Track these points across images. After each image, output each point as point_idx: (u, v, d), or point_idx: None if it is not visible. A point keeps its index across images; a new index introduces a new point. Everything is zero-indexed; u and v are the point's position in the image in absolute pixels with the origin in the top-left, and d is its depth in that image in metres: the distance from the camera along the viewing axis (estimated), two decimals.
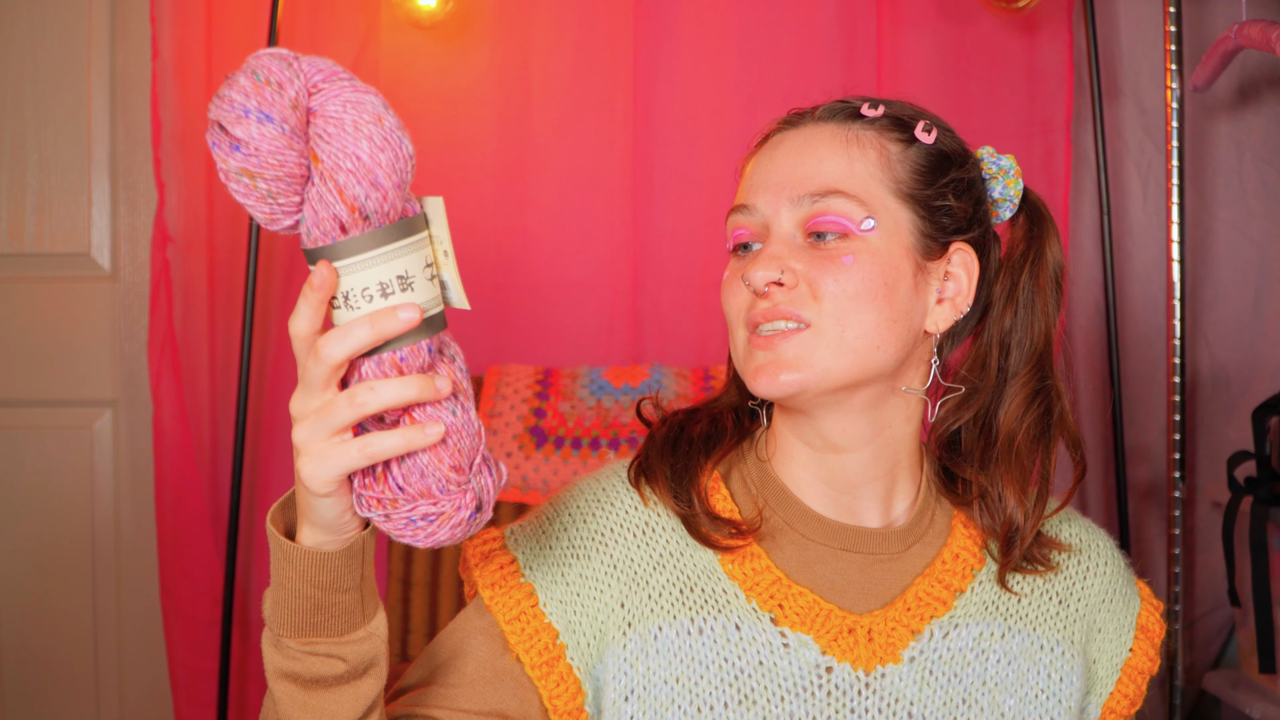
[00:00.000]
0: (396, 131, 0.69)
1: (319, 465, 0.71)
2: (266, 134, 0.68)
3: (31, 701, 2.23)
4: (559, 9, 2.12)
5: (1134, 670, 1.01)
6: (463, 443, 0.72)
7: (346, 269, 0.70)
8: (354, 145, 0.69)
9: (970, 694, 0.93)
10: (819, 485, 0.95)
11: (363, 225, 0.70)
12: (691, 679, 0.90)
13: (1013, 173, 0.98)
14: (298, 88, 0.69)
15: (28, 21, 2.20)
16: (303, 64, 0.70)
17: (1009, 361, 0.97)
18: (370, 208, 0.69)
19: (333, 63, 0.71)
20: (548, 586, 0.91)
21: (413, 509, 0.72)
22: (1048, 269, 0.98)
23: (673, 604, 0.91)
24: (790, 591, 0.92)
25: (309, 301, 0.70)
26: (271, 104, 0.68)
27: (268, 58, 0.69)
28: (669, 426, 0.99)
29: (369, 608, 0.80)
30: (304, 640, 0.78)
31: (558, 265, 2.14)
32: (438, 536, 0.73)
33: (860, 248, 0.89)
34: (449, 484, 0.72)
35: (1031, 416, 0.96)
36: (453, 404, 0.72)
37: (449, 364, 0.74)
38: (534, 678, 0.90)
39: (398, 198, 0.70)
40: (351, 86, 0.70)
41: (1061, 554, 1.00)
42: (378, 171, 0.69)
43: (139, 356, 2.20)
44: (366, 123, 0.69)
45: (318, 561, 0.76)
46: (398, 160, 0.69)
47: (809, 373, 0.88)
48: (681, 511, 0.93)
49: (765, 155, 0.95)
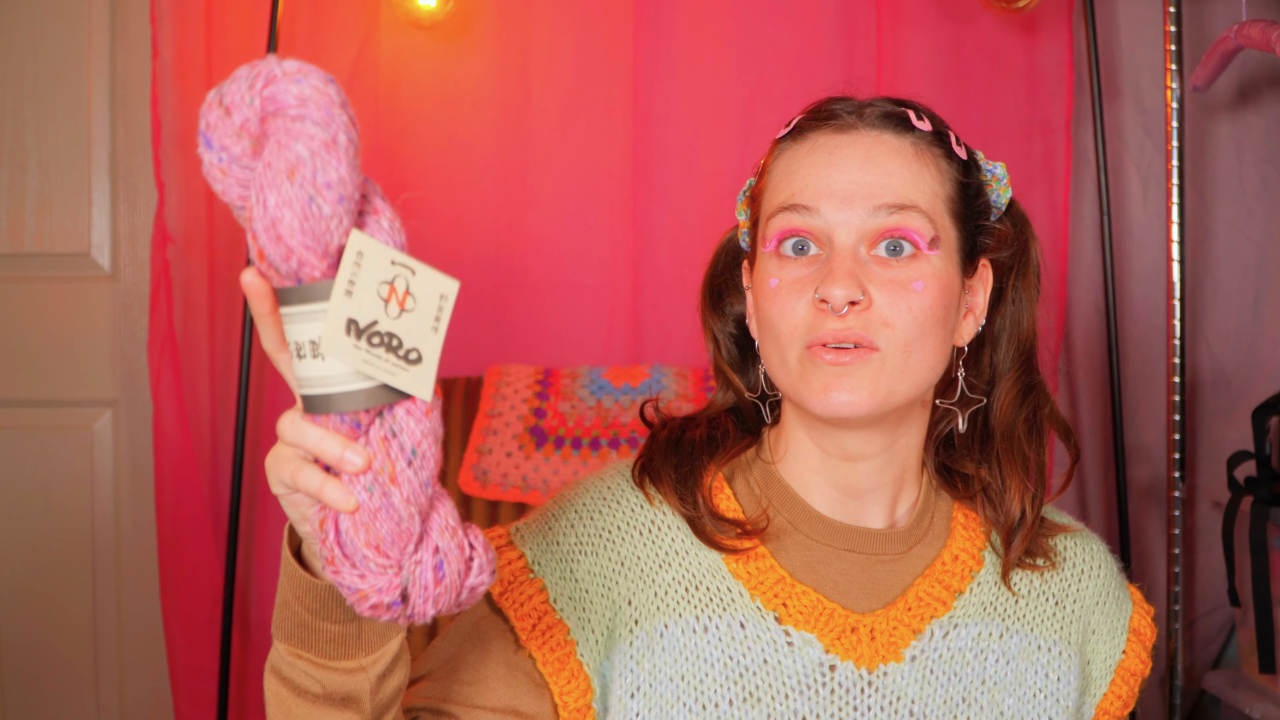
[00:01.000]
0: (308, 188, 0.64)
1: (272, 464, 0.70)
2: (209, 160, 0.66)
3: (31, 701, 2.23)
4: (559, 9, 2.12)
5: (1127, 672, 1.02)
6: (377, 526, 0.68)
7: (284, 317, 0.67)
8: (263, 195, 0.64)
9: (970, 693, 0.94)
10: (828, 489, 0.96)
11: (277, 277, 0.66)
12: (697, 676, 0.90)
13: (1004, 180, 0.98)
14: (246, 115, 0.65)
15: (28, 21, 2.19)
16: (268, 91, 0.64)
17: (998, 359, 0.99)
18: (277, 261, 0.65)
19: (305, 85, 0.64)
20: (558, 583, 0.91)
21: (337, 571, 0.68)
22: (1032, 269, 1.00)
23: (678, 602, 0.91)
24: (794, 591, 0.92)
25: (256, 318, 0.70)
26: (215, 128, 0.65)
27: (242, 72, 0.65)
28: (670, 429, 0.98)
29: (369, 643, 0.77)
30: (290, 649, 0.78)
31: (558, 265, 2.14)
32: (361, 608, 0.68)
33: (927, 270, 0.89)
34: (369, 561, 0.68)
35: (1026, 409, 0.98)
36: (367, 480, 0.67)
37: (384, 440, 0.68)
38: (546, 674, 0.90)
39: (312, 256, 0.65)
40: (286, 127, 0.64)
41: (1067, 537, 1.01)
42: (280, 228, 0.64)
43: (139, 356, 2.20)
44: (280, 175, 0.64)
45: (307, 586, 0.75)
46: (306, 221, 0.64)
47: (876, 397, 0.87)
48: (687, 513, 0.93)
49: (819, 157, 0.91)
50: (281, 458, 0.69)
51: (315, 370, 0.67)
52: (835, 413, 0.88)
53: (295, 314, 0.66)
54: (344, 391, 0.67)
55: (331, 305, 0.65)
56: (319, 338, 0.66)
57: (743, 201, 1.01)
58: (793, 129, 0.95)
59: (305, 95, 0.64)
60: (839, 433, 0.93)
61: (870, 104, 0.94)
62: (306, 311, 0.66)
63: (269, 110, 0.65)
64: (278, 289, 0.67)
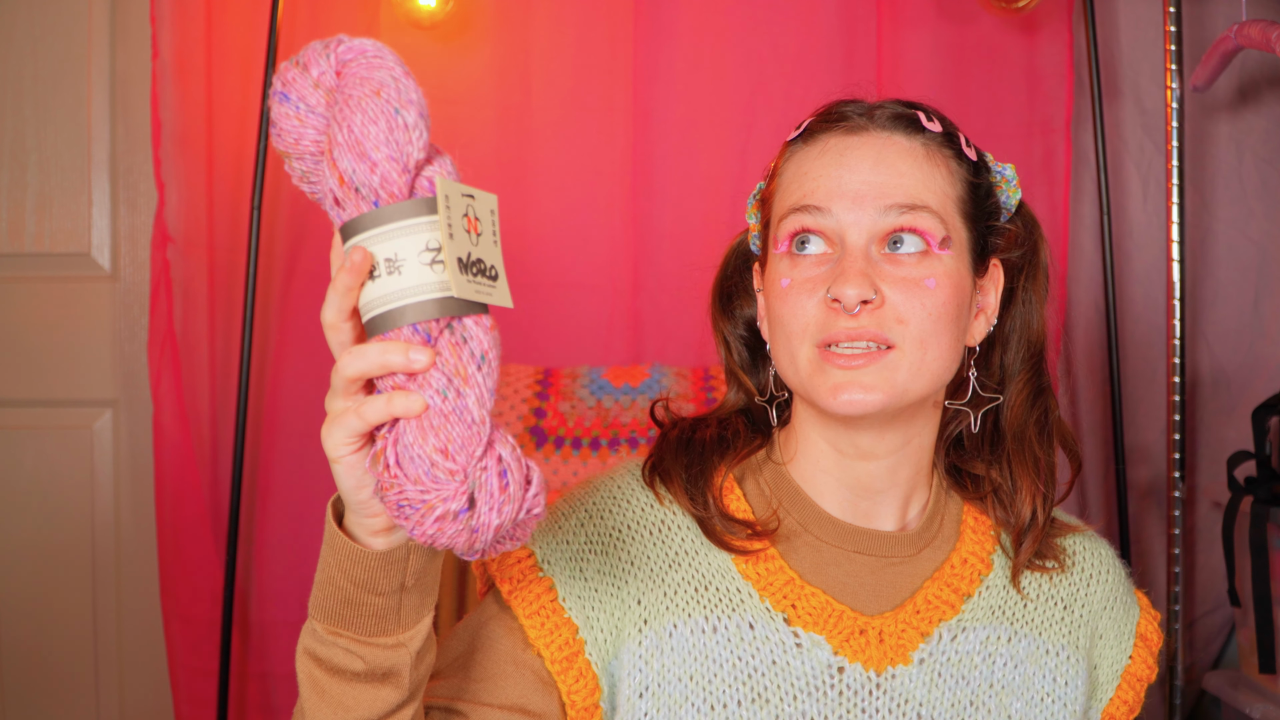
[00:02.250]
0: (393, 102, 0.68)
1: (329, 429, 0.71)
2: (285, 113, 0.70)
3: (31, 701, 2.23)
4: (559, 9, 2.12)
5: (1133, 677, 1.02)
6: (448, 427, 0.69)
7: (358, 246, 0.70)
8: (348, 118, 0.68)
9: (978, 696, 0.94)
10: (840, 490, 0.96)
11: (355, 199, 0.69)
12: (705, 676, 0.90)
13: (1014, 182, 0.99)
14: (323, 68, 0.69)
15: (28, 21, 2.19)
16: (343, 47, 0.70)
17: (1009, 360, 1.00)
18: (359, 181, 0.69)
19: (379, 46, 0.71)
20: (567, 581, 0.91)
21: (400, 492, 0.69)
22: (1041, 270, 1.01)
23: (688, 602, 0.91)
24: (803, 592, 0.92)
25: (334, 288, 0.71)
26: (292, 83, 0.69)
27: (315, 43, 0.71)
28: (680, 429, 0.99)
29: (407, 619, 0.78)
30: (329, 629, 0.78)
31: (558, 265, 2.14)
32: (424, 528, 0.69)
33: (939, 269, 0.89)
34: (435, 469, 0.69)
35: (1037, 411, 0.98)
36: (441, 383, 0.70)
37: (451, 344, 0.71)
38: (554, 672, 0.90)
39: (394, 171, 0.69)
40: (367, 64, 0.69)
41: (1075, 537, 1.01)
42: (365, 143, 0.68)
43: (139, 356, 2.20)
44: (365, 95, 0.68)
45: (354, 557, 0.75)
46: (392, 133, 0.68)
47: (890, 394, 0.88)
48: (697, 514, 0.93)
49: (831, 158, 0.92)
50: (338, 414, 0.71)
51: (388, 287, 0.70)
52: (848, 410, 0.88)
53: (373, 236, 0.69)
54: (416, 302, 0.70)
55: (446, 253, 0.68)
56: (395, 254, 0.69)
57: (753, 205, 1.02)
58: (803, 131, 0.96)
59: (380, 47, 0.71)
60: (853, 431, 0.93)
61: (880, 105, 0.94)
62: (385, 231, 0.69)
63: (345, 59, 0.70)
64: (351, 221, 0.70)
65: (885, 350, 0.88)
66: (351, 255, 0.69)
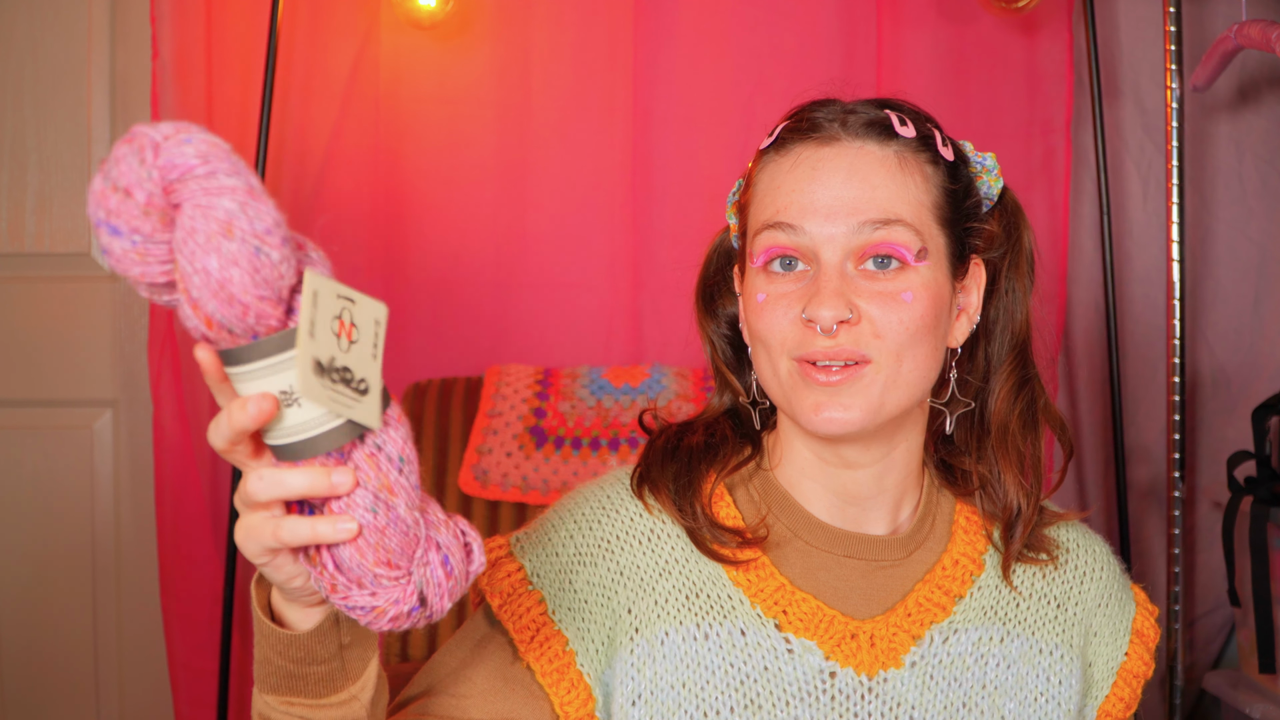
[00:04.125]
0: (250, 240, 0.62)
1: (243, 537, 0.69)
2: (116, 247, 0.62)
3: (31, 702, 2.23)
4: (559, 9, 2.12)
5: (1129, 674, 1.01)
6: (386, 541, 0.67)
7: (239, 376, 0.65)
8: (203, 260, 0.62)
9: (970, 698, 0.94)
10: (827, 496, 0.95)
11: (231, 339, 0.64)
12: (698, 684, 0.90)
13: (995, 171, 0.97)
14: (150, 190, 0.61)
15: (28, 21, 2.19)
16: (163, 161, 0.61)
17: (993, 351, 0.99)
18: (232, 323, 0.63)
19: (203, 147, 0.62)
20: (556, 594, 0.91)
21: (347, 598, 0.68)
22: (1025, 258, 0.99)
23: (679, 610, 0.91)
24: (794, 598, 0.92)
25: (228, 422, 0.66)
26: (118, 214, 0.61)
27: (125, 151, 0.62)
28: (667, 437, 0.98)
29: (353, 671, 0.78)
30: (281, 699, 0.78)
31: (558, 265, 2.14)
32: (379, 625, 0.68)
33: (916, 281, 0.88)
34: (380, 579, 0.68)
35: (1021, 404, 0.97)
36: (369, 500, 0.67)
37: (369, 458, 0.68)
38: (545, 685, 0.90)
39: (267, 308, 0.63)
40: (204, 189, 0.62)
41: (1064, 540, 1.01)
42: (231, 288, 0.62)
43: (139, 356, 2.20)
44: (214, 234, 0.61)
45: (287, 640, 0.75)
46: (257, 273, 0.62)
47: (868, 411, 0.87)
48: (686, 525, 0.93)
49: (802, 172, 0.91)
50: (253, 525, 0.68)
51: (292, 419, 0.65)
52: (829, 430, 0.88)
53: (258, 369, 0.65)
54: (327, 431, 0.66)
55: (300, 350, 0.63)
56: (290, 386, 0.64)
57: (731, 206, 1.01)
58: (775, 140, 0.94)
59: (203, 151, 0.62)
60: (836, 443, 0.93)
61: (853, 110, 0.93)
62: (272, 364, 0.65)
63: (171, 177, 0.62)
64: (227, 351, 0.65)
65: (862, 365, 0.87)
66: (258, 404, 0.64)
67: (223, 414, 0.65)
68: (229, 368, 0.65)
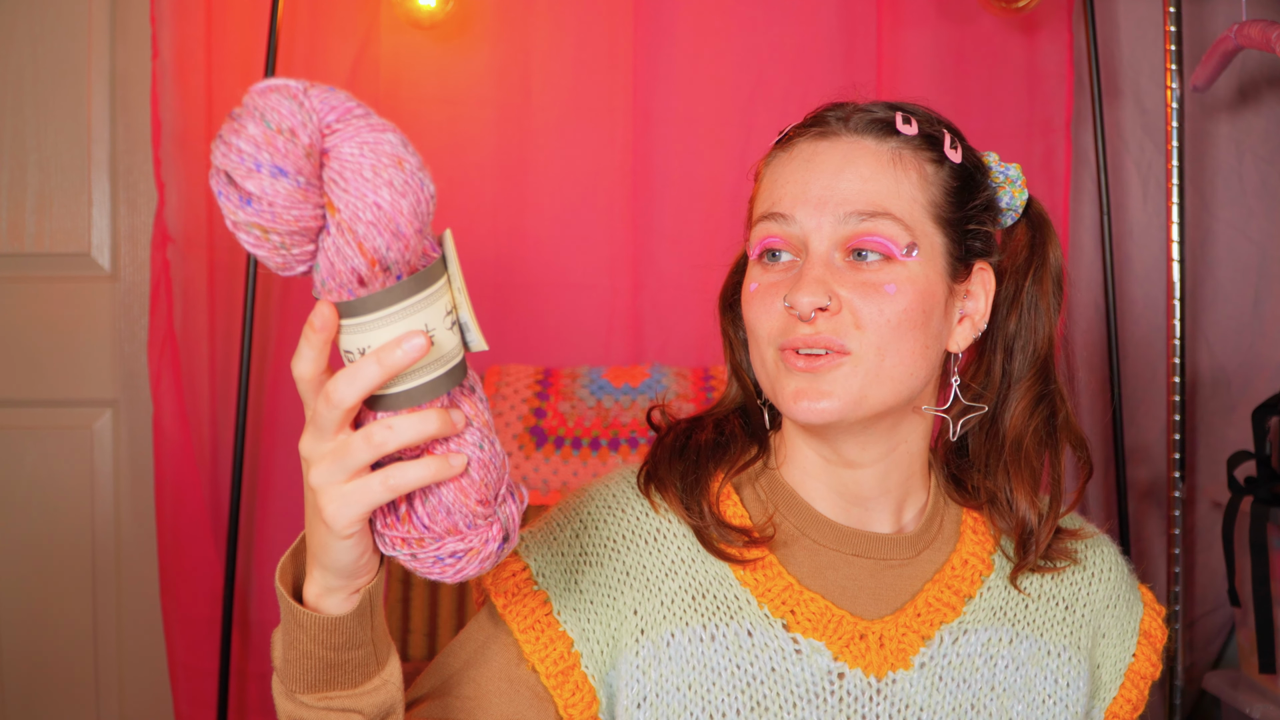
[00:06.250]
0: (418, 173, 0.64)
1: (341, 506, 0.68)
2: (281, 189, 0.62)
3: (31, 702, 2.23)
4: (559, 9, 2.12)
5: (1136, 675, 1.01)
6: (489, 476, 0.69)
7: (366, 325, 0.65)
8: (374, 193, 0.63)
9: (979, 699, 0.93)
10: (831, 495, 0.95)
11: (382, 277, 0.65)
12: (704, 685, 0.89)
13: (1019, 182, 0.97)
14: (310, 131, 0.63)
15: (28, 21, 2.19)
16: (314, 100, 0.63)
17: (1013, 366, 0.97)
18: (391, 258, 0.64)
19: (346, 95, 0.65)
20: (561, 595, 0.91)
21: (440, 547, 0.69)
22: (1050, 273, 0.99)
23: (685, 610, 0.91)
24: (802, 598, 0.92)
25: (311, 344, 0.66)
26: (285, 155, 0.62)
27: (276, 97, 0.62)
28: (675, 434, 0.98)
29: (382, 655, 0.78)
30: (319, 696, 0.77)
31: (558, 265, 2.14)
32: (467, 572, 0.70)
33: (902, 275, 0.88)
34: (476, 518, 0.69)
35: (1038, 420, 0.96)
36: (477, 437, 0.69)
37: (468, 397, 0.70)
38: (549, 687, 0.89)
39: (418, 243, 0.65)
40: (368, 125, 0.64)
41: (1079, 542, 1.00)
42: (400, 220, 0.63)
43: (139, 356, 2.20)
44: (386, 166, 0.63)
45: (330, 625, 0.74)
46: (420, 204, 0.64)
47: (846, 402, 0.87)
48: (693, 523, 0.93)
49: (799, 164, 0.91)
50: (354, 489, 0.67)
51: (425, 359, 0.66)
52: (807, 419, 0.88)
53: (404, 309, 0.65)
54: (449, 370, 0.67)
55: (467, 312, 0.66)
56: (426, 324, 0.65)
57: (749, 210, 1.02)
58: (783, 137, 0.95)
59: (349, 97, 0.64)
60: (833, 439, 0.92)
61: (860, 109, 0.93)
62: (416, 302, 0.65)
63: (330, 119, 0.63)
64: (378, 295, 0.65)
65: (841, 356, 0.87)
66: (412, 340, 0.64)
67: (358, 366, 0.65)
68: (349, 319, 0.65)
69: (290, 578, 0.77)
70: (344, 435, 0.68)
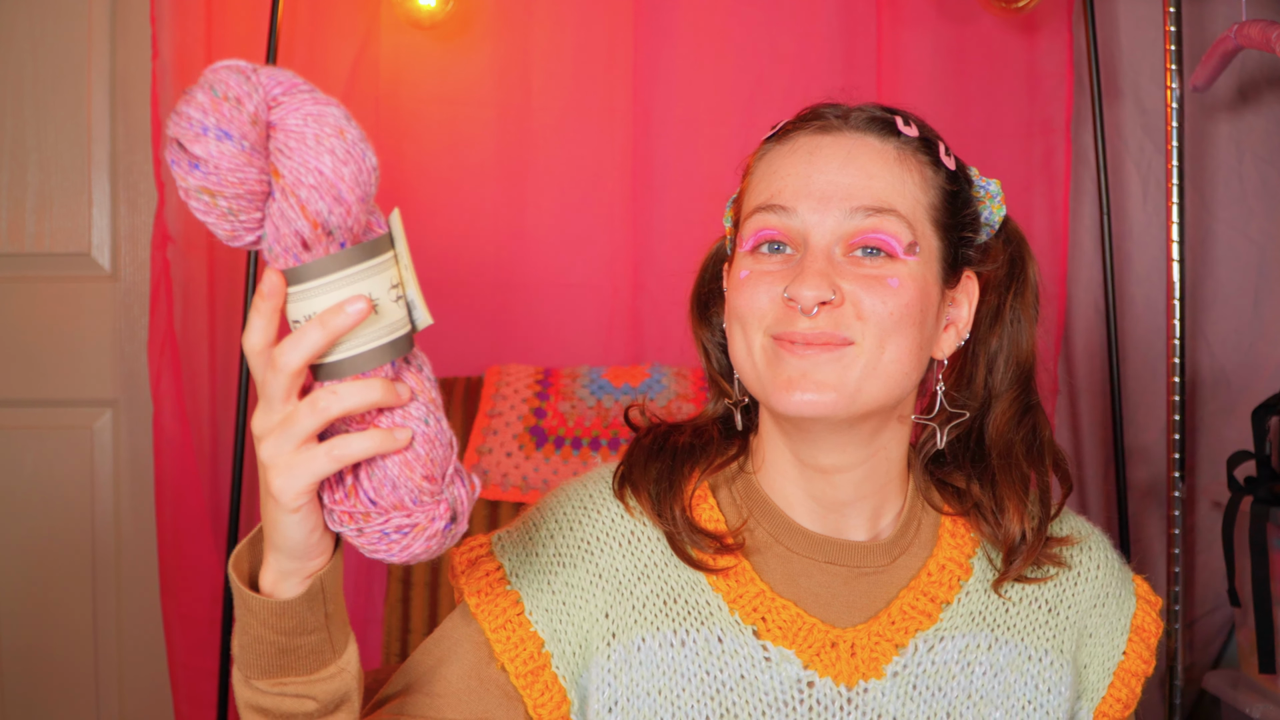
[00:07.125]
0: (360, 144, 0.68)
1: (288, 477, 0.69)
2: (225, 151, 0.66)
3: (31, 701, 2.23)
4: (559, 9, 2.12)
5: (1127, 673, 0.99)
6: (435, 452, 0.71)
7: (311, 291, 0.68)
8: (315, 159, 0.67)
9: (955, 708, 0.92)
10: (807, 501, 0.94)
11: (326, 241, 0.68)
12: (674, 691, 0.89)
13: (999, 198, 0.96)
14: (256, 102, 0.67)
15: (28, 21, 2.19)
16: (261, 76, 0.68)
17: (995, 379, 0.97)
18: (334, 223, 0.67)
19: (293, 74, 0.69)
20: (533, 595, 0.90)
21: (385, 521, 0.70)
22: (1030, 289, 0.98)
23: (656, 615, 0.90)
24: (774, 605, 0.91)
25: (260, 312, 0.68)
26: (230, 120, 0.66)
27: (225, 71, 0.66)
28: (653, 436, 0.97)
29: (338, 643, 0.78)
30: (273, 681, 0.77)
31: (558, 265, 2.14)
32: (413, 549, 0.71)
33: (904, 271, 0.87)
34: (422, 494, 0.70)
35: (1025, 429, 0.96)
36: (423, 412, 0.71)
37: (415, 373, 0.72)
38: (519, 687, 0.89)
39: (361, 212, 0.68)
40: (313, 99, 0.68)
41: (1069, 548, 0.98)
42: (340, 186, 0.67)
43: (139, 356, 2.20)
44: (328, 135, 0.67)
45: (279, 609, 0.74)
46: (361, 173, 0.68)
47: (843, 394, 0.86)
48: (665, 529, 0.92)
49: (800, 158, 0.90)
50: (299, 460, 0.69)
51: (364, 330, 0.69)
52: (800, 412, 0.86)
53: (347, 276, 0.68)
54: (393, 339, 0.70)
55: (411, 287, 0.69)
56: (370, 292, 0.68)
57: (730, 209, 1.00)
58: (777, 131, 0.94)
59: (296, 75, 0.69)
60: (812, 442, 0.91)
61: (859, 108, 0.93)
62: (361, 270, 0.68)
63: (276, 92, 0.67)
64: (303, 267, 0.68)
65: (843, 346, 0.86)
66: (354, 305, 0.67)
67: (303, 330, 0.67)
68: (295, 286, 0.68)
69: (246, 565, 0.77)
70: (291, 405, 0.69)
